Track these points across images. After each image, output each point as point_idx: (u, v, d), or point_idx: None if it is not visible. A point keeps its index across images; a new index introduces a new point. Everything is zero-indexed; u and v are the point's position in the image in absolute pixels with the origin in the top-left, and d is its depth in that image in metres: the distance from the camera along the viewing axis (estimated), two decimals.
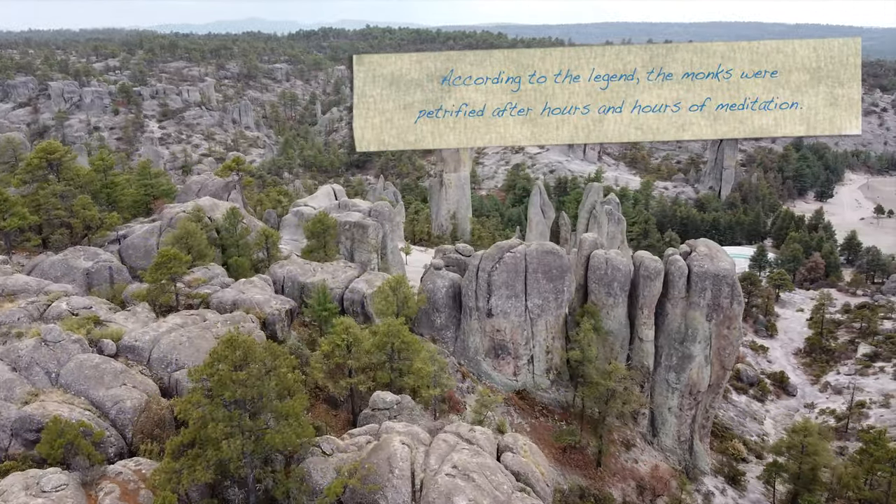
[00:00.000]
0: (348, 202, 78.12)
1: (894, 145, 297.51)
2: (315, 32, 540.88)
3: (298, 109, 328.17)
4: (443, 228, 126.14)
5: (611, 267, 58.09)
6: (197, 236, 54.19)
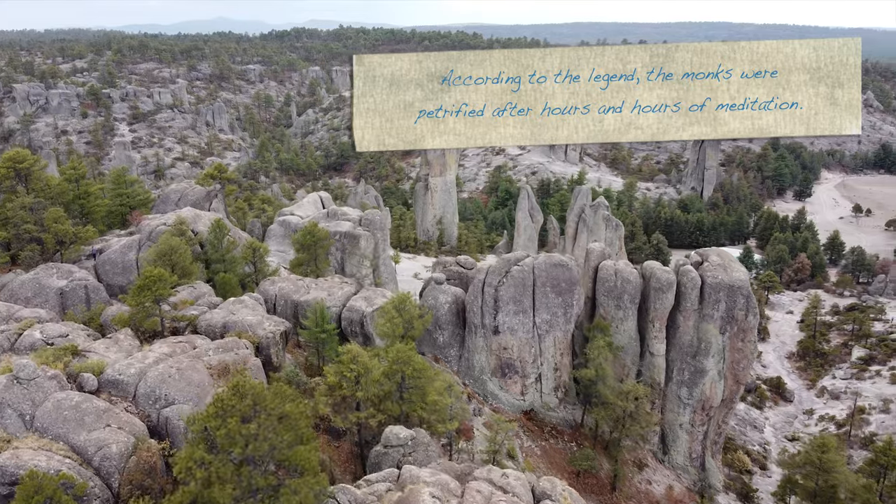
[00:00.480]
0: (337, 211, 74.47)
1: (868, 144, 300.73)
2: (288, 33, 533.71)
3: (273, 111, 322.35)
4: (429, 234, 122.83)
5: (620, 279, 55.36)
6: (181, 252, 50.31)
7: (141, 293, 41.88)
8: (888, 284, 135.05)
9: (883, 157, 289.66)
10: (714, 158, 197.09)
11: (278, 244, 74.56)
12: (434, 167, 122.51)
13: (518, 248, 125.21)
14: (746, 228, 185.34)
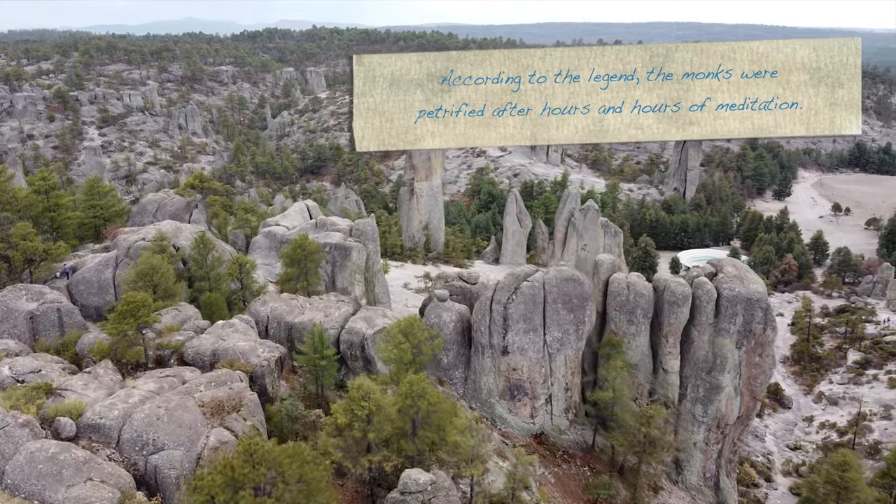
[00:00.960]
0: (326, 221, 70.67)
1: (842, 143, 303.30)
2: (260, 33, 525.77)
3: (247, 113, 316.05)
4: (415, 240, 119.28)
5: (633, 293, 52.43)
6: (163, 272, 46.29)
7: (122, 321, 38.02)
8: (875, 285, 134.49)
9: (858, 155, 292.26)
10: (696, 159, 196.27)
11: (263, 257, 70.53)
12: (419, 171, 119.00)
13: (506, 254, 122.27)
14: (730, 229, 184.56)
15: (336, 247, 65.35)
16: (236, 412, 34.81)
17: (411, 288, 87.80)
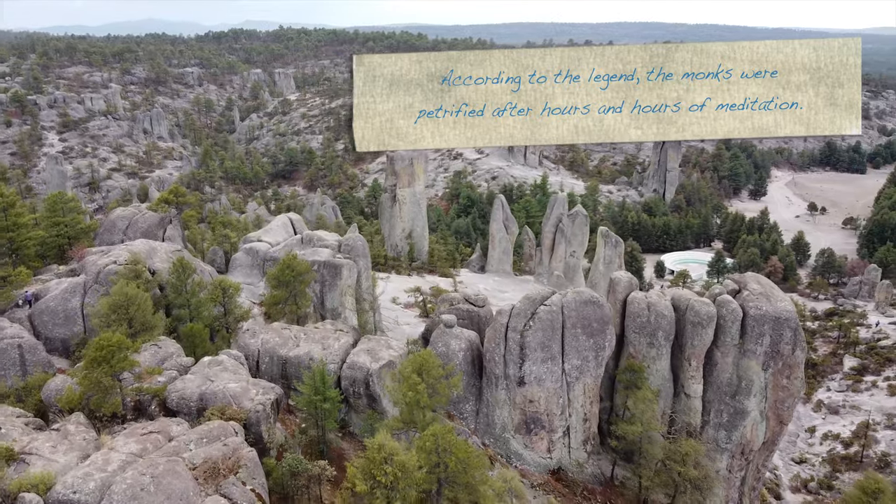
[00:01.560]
0: (312, 236, 65.71)
1: (813, 142, 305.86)
2: (225, 34, 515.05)
3: (215, 116, 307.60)
4: (398, 249, 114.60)
5: (654, 313, 48.60)
6: (140, 303, 41.22)
7: (95, 367, 32.98)
8: (862, 287, 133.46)
9: (828, 154, 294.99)
10: (675, 160, 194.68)
11: (245, 275, 65.35)
12: (402, 177, 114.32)
13: (492, 262, 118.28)
14: (712, 231, 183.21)
15: (325, 265, 60.52)
16: (233, 475, 30.04)
17: (400, 303, 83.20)
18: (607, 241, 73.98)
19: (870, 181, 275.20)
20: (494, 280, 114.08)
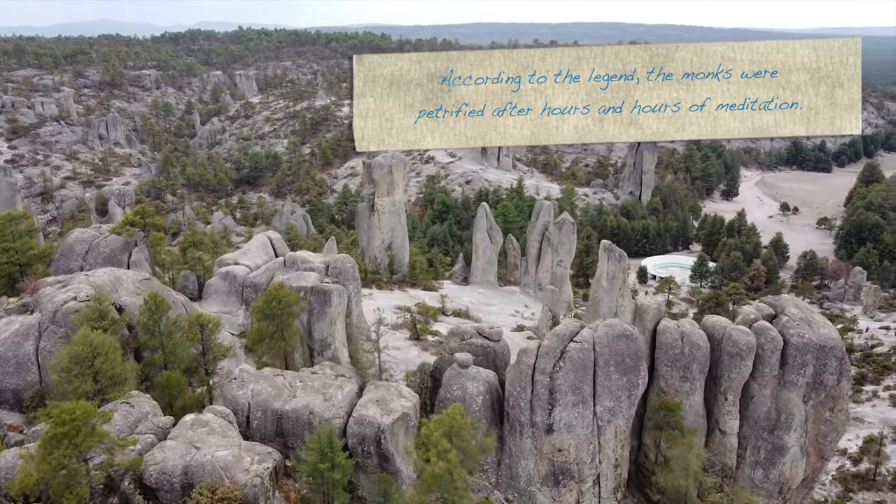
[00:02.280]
0: (296, 258, 59.58)
1: (779, 141, 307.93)
2: (182, 35, 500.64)
3: (174, 120, 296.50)
4: (377, 262, 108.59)
5: (689, 344, 43.84)
6: (107, 353, 34.94)
7: (56, 447, 26.95)
8: (847, 290, 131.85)
9: (795, 153, 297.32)
10: (651, 162, 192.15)
11: (221, 303, 58.95)
12: (380, 186, 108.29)
13: (476, 273, 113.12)
14: (690, 233, 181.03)
15: (313, 291, 54.50)
16: None
17: (387, 324, 77.19)
18: (610, 255, 69.35)
19: (836, 180, 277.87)
20: (479, 292, 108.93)
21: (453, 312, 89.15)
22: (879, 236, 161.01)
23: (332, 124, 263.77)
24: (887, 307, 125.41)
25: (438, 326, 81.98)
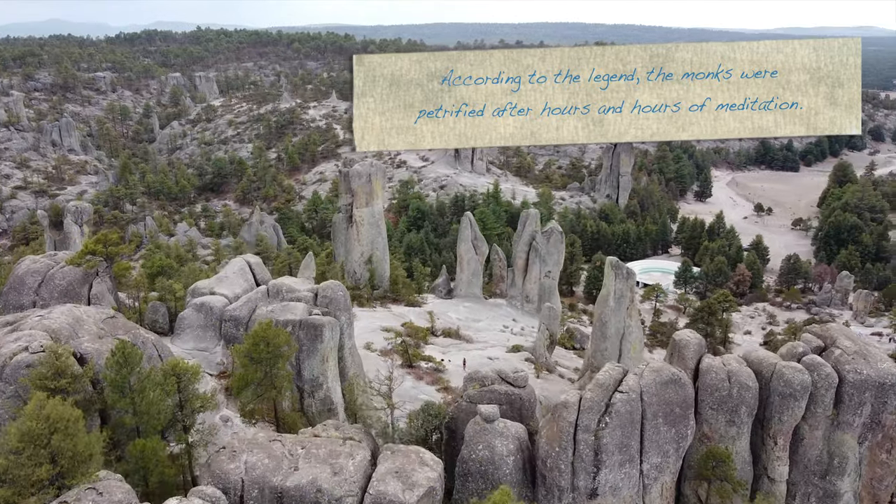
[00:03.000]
0: (280, 286, 53.38)
1: (748, 141, 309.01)
2: (138, 35, 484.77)
3: (131, 125, 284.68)
4: (356, 277, 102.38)
5: (737, 385, 38.97)
6: (69, 430, 28.59)
7: None
8: (835, 294, 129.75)
9: (763, 153, 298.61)
10: (628, 164, 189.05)
11: (196, 338, 52.47)
12: (359, 196, 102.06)
13: (461, 286, 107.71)
14: (669, 237, 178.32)
15: (301, 325, 48.57)
16: None
17: (375, 349, 71.35)
18: (618, 272, 64.50)
19: (805, 179, 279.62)
20: (465, 307, 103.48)
21: (443, 332, 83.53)
22: (858, 237, 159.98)
23: (298, 128, 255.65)
24: (874, 311, 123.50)
25: (430, 349, 76.34)
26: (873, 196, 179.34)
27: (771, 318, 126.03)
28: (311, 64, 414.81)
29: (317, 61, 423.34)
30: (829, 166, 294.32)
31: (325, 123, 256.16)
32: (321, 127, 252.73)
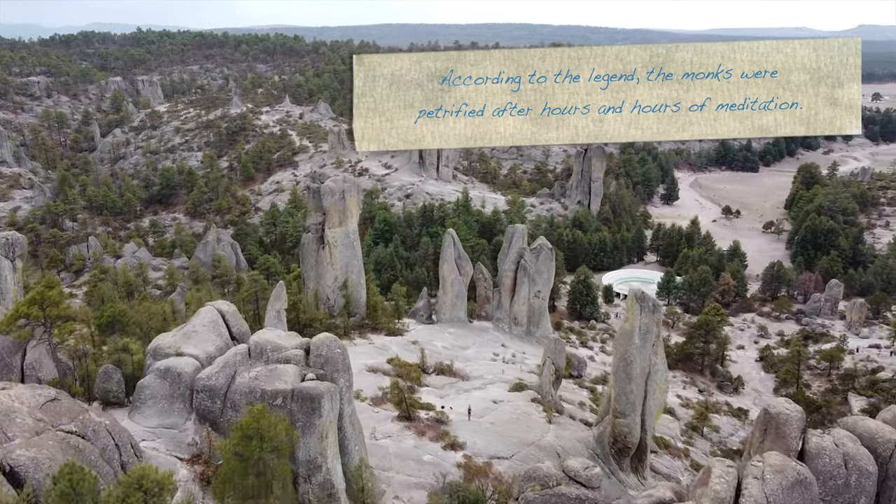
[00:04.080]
0: (263, 344, 43.83)
1: (708, 142, 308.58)
2: (75, 37, 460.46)
3: (69, 133, 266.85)
4: (330, 304, 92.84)
5: (855, 472, 31.47)
6: None
7: None
8: (825, 303, 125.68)
9: (723, 153, 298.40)
10: (600, 169, 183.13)
11: (161, 413, 42.58)
12: (331, 215, 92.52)
13: (444, 310, 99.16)
14: (644, 243, 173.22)
15: (295, 396, 39.43)
16: None
17: (365, 398, 62.16)
18: (643, 305, 56.99)
19: (766, 179, 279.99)
20: (450, 333, 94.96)
21: (436, 369, 74.78)
22: (835, 242, 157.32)
23: (250, 134, 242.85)
24: (865, 321, 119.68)
25: (426, 393, 67.56)
26: (845, 198, 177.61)
27: (762, 331, 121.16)
28: (261, 66, 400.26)
29: (266, 64, 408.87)
30: (787, 166, 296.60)
31: (279, 129, 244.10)
32: (275, 133, 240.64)
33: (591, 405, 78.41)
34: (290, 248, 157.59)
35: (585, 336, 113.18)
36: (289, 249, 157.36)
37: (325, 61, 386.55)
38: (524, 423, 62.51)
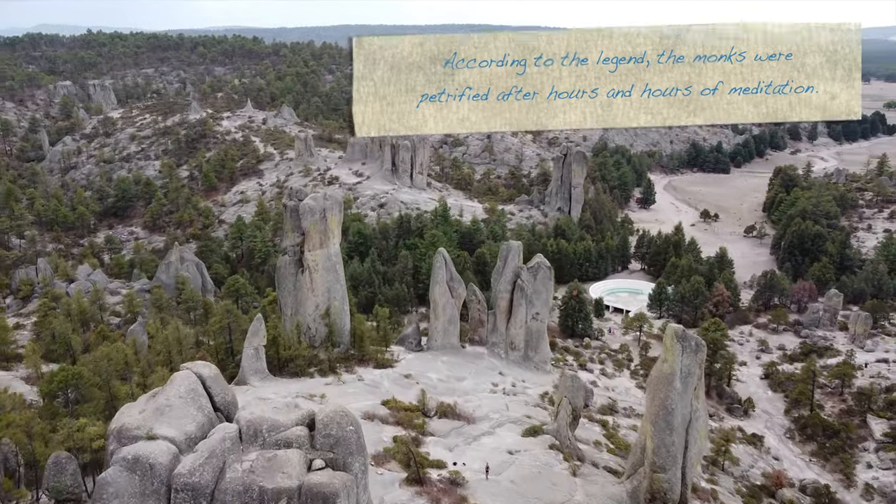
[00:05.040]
0: (258, 424, 35.37)
1: (679, 143, 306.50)
2: (20, 39, 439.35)
3: (15, 141, 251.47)
4: (311, 334, 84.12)
5: None
6: None
7: None
8: (823, 314, 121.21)
9: (695, 155, 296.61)
10: (581, 175, 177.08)
11: None
12: (311, 236, 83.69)
13: (436, 335, 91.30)
14: (628, 251, 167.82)
15: (303, 496, 31.32)
16: None
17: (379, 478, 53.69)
18: (685, 345, 50.12)
19: (738, 181, 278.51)
20: (443, 362, 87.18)
21: (438, 411, 66.77)
22: (822, 247, 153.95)
23: (211, 141, 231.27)
24: (867, 333, 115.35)
25: (433, 445, 59.41)
26: (827, 202, 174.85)
27: (762, 345, 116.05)
28: (219, 70, 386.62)
29: (225, 66, 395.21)
30: (758, 167, 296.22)
31: (242, 136, 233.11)
32: (238, 140, 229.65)
33: (607, 443, 71.53)
34: (258, 264, 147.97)
35: (583, 357, 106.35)
36: (257, 266, 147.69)
37: (287, 63, 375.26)
38: (547, 478, 55.10)
